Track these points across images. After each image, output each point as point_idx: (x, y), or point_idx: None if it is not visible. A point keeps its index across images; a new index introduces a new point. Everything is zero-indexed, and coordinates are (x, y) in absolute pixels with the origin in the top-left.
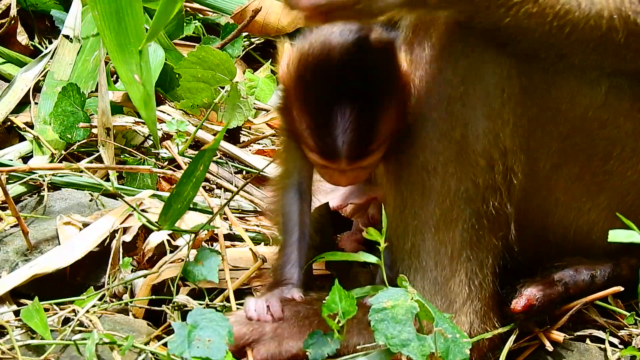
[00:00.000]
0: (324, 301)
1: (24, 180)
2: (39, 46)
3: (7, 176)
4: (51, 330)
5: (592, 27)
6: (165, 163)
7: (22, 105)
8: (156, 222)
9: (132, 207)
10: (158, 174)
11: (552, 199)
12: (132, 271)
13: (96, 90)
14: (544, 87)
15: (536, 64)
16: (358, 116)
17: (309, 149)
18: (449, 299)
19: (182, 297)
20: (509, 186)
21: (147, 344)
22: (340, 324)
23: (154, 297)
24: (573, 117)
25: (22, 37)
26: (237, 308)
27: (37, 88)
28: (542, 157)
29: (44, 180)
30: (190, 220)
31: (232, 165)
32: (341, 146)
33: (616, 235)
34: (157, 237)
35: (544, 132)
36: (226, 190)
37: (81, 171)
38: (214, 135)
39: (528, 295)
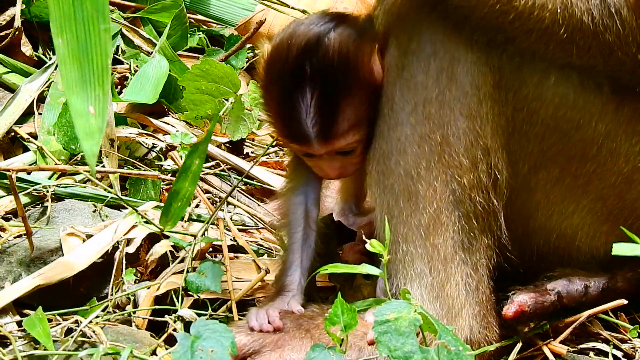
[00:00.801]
0: (326, 314)
1: (28, 191)
2: (43, 57)
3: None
4: (54, 341)
5: (535, 18)
6: (169, 175)
7: (26, 115)
8: (158, 226)
9: (134, 209)
10: (162, 186)
11: (534, 201)
12: (135, 282)
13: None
14: (514, 85)
15: (504, 58)
16: (320, 98)
17: (285, 139)
18: (447, 304)
19: (186, 311)
20: (494, 184)
21: (153, 353)
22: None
23: (156, 307)
24: (546, 117)
25: (27, 48)
26: (239, 319)
27: (41, 98)
28: (521, 159)
29: (47, 191)
30: (194, 230)
31: (235, 178)
32: (308, 127)
33: (620, 249)
34: (160, 248)
35: (521, 133)
36: (229, 203)
37: (85, 182)
38: (218, 147)
39: (519, 301)
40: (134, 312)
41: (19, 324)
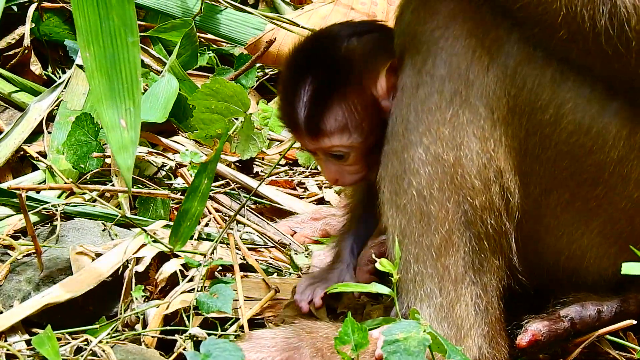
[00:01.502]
0: (336, 334)
1: (37, 209)
2: (53, 76)
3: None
4: None
5: (540, 10)
6: (179, 194)
7: (36, 134)
8: (167, 245)
9: (142, 229)
10: (171, 205)
11: (544, 223)
12: (144, 301)
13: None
14: (528, 110)
15: (519, 84)
16: (315, 92)
17: (283, 125)
18: (456, 325)
19: (196, 330)
20: (506, 206)
21: None
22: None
23: (167, 327)
24: (559, 142)
25: (36, 67)
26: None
27: (50, 117)
28: (532, 182)
29: (56, 210)
30: (204, 249)
31: (245, 196)
32: (300, 117)
33: (629, 268)
34: (170, 267)
35: (533, 157)
36: (238, 222)
37: (94, 200)
38: (228, 166)
39: (533, 330)
40: (144, 332)
41: (28, 342)
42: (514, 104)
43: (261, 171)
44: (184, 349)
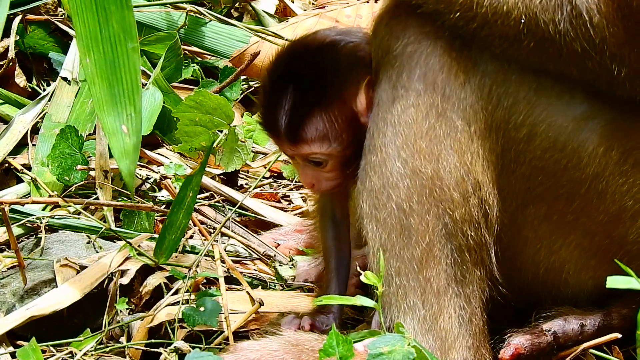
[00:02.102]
0: (318, 342)
1: (22, 222)
2: (37, 88)
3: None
4: None
5: (499, 24)
6: (163, 206)
7: (20, 147)
8: (152, 258)
9: (127, 242)
10: (156, 217)
11: (522, 236)
12: (129, 313)
13: (94, 132)
14: (503, 126)
15: (494, 100)
16: (296, 99)
17: (263, 129)
18: (440, 337)
19: (180, 344)
20: (485, 218)
21: None
22: None
23: (152, 340)
24: (533, 159)
25: (21, 79)
26: None
27: (35, 130)
28: (509, 196)
29: (41, 223)
30: (188, 261)
31: (229, 209)
32: (280, 123)
33: (614, 282)
34: (154, 280)
35: (508, 172)
36: (223, 234)
37: (79, 213)
38: (212, 178)
39: (516, 344)
40: (128, 345)
41: (13, 355)
42: (491, 120)
43: (246, 184)
44: None
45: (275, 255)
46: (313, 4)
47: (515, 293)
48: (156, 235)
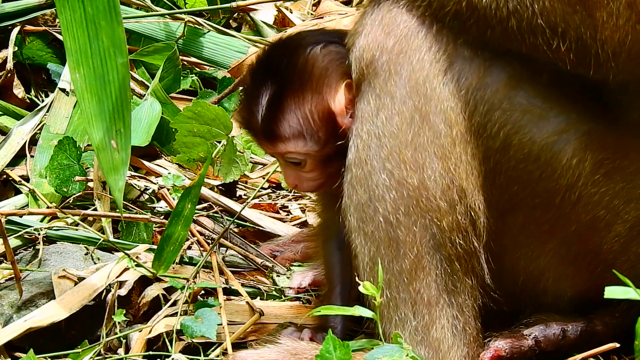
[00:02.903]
0: (317, 352)
1: (19, 233)
2: (36, 99)
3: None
4: None
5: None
6: (161, 217)
7: (18, 158)
8: (150, 269)
9: (125, 253)
10: (154, 229)
11: (502, 244)
12: (127, 325)
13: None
14: (481, 132)
15: (471, 105)
16: (273, 96)
17: (242, 126)
18: (433, 348)
19: (179, 356)
20: (473, 225)
21: None
22: None
23: (150, 352)
24: (508, 169)
25: (19, 90)
26: None
27: (33, 141)
28: (491, 204)
29: (39, 234)
30: (187, 273)
31: (228, 220)
32: (258, 120)
33: (612, 292)
34: (152, 291)
35: (489, 180)
36: (221, 245)
37: (77, 224)
38: (211, 189)
39: (496, 347)
40: (126, 356)
41: None
42: (470, 124)
43: (244, 194)
44: None
45: (273, 266)
46: (311, 14)
47: (505, 300)
48: (154, 247)
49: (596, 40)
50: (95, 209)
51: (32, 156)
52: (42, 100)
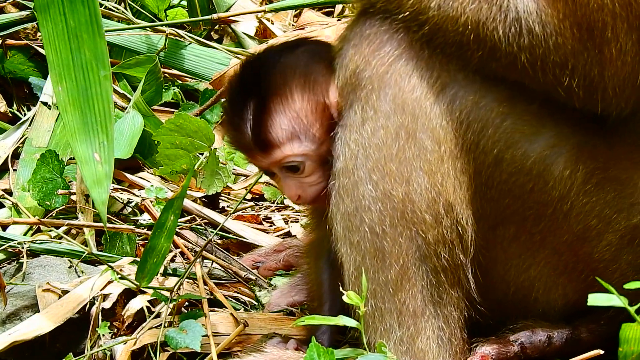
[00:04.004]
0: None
1: (3, 247)
2: (18, 113)
3: None
4: None
5: (451, 30)
6: (145, 230)
7: (1, 172)
8: (134, 282)
9: (109, 266)
10: (137, 241)
11: (492, 256)
12: (112, 337)
13: (75, 157)
14: (473, 148)
15: (464, 125)
16: (257, 104)
17: (233, 146)
18: (418, 359)
19: None
20: (460, 239)
21: None
22: None
23: None
24: (500, 182)
25: (1, 104)
26: None
27: (15, 155)
28: (482, 217)
29: (22, 247)
30: (170, 284)
31: (211, 231)
32: (247, 133)
33: (596, 299)
34: (136, 303)
35: (480, 194)
36: (205, 257)
37: (60, 238)
38: (194, 201)
39: (482, 352)
40: None
41: None
42: (462, 141)
43: (227, 206)
44: None
45: (256, 278)
46: (293, 25)
47: (489, 312)
48: (138, 259)
49: (603, 77)
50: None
51: (14, 170)
52: (24, 114)
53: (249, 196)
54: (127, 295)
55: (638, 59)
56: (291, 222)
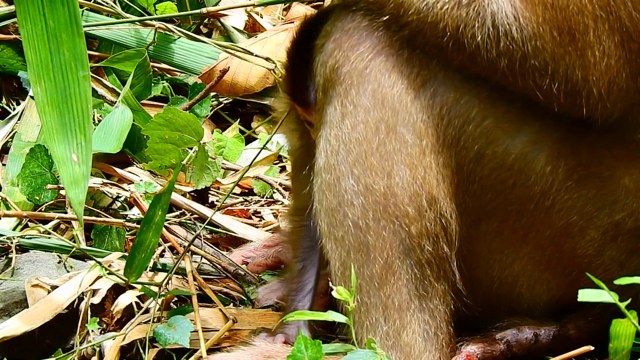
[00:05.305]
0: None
1: None
2: (7, 107)
3: None
4: None
5: (430, 35)
6: (134, 224)
7: None
8: (122, 277)
9: (97, 262)
10: (126, 236)
11: (476, 251)
12: (101, 333)
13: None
14: (455, 143)
15: (445, 120)
16: None
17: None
18: (404, 352)
19: None
20: (445, 232)
21: None
22: None
23: None
24: (482, 177)
25: None
26: None
27: (4, 149)
28: (464, 211)
29: (11, 243)
30: (159, 280)
31: (200, 226)
32: (308, 92)
33: (586, 295)
34: (125, 299)
35: (462, 188)
36: (193, 252)
37: (49, 233)
38: (183, 195)
39: (467, 352)
40: None
41: None
42: (443, 136)
43: (216, 200)
44: None
45: (245, 274)
46: (282, 19)
47: (475, 307)
48: (127, 254)
49: (587, 81)
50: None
51: (3, 164)
52: (14, 109)
53: (238, 191)
54: (116, 290)
55: (622, 62)
56: (280, 216)
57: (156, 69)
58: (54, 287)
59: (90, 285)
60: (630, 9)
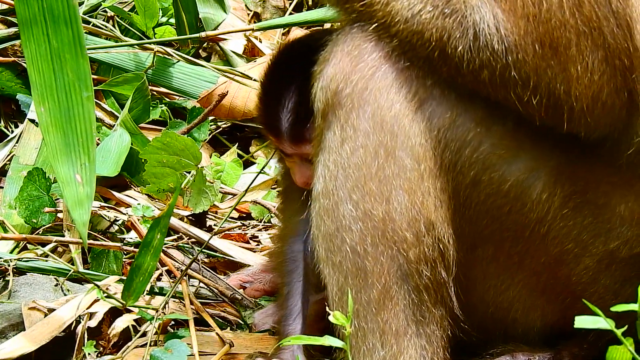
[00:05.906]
0: None
1: None
2: (5, 130)
3: None
4: None
5: (418, 45)
6: (132, 247)
7: None
8: (120, 300)
9: (95, 284)
10: (124, 260)
11: (472, 276)
12: (97, 356)
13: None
14: (452, 169)
15: (442, 144)
16: (300, 104)
17: (264, 129)
18: None
19: None
20: (442, 257)
21: None
22: None
23: None
24: (478, 203)
25: None
26: None
27: (2, 172)
28: (461, 236)
29: (9, 265)
30: (156, 303)
31: (197, 249)
32: (284, 125)
33: (582, 322)
34: (122, 322)
35: (459, 213)
36: (191, 277)
37: (46, 255)
38: (180, 219)
39: None
40: None
41: None
42: (440, 160)
43: (214, 225)
44: None
45: (242, 298)
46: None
47: (473, 330)
48: (124, 277)
49: (570, 95)
50: None
51: (1, 187)
52: (12, 131)
53: (236, 215)
54: (113, 313)
55: (607, 78)
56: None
57: (155, 93)
58: (51, 310)
59: (87, 309)
60: (613, 25)
